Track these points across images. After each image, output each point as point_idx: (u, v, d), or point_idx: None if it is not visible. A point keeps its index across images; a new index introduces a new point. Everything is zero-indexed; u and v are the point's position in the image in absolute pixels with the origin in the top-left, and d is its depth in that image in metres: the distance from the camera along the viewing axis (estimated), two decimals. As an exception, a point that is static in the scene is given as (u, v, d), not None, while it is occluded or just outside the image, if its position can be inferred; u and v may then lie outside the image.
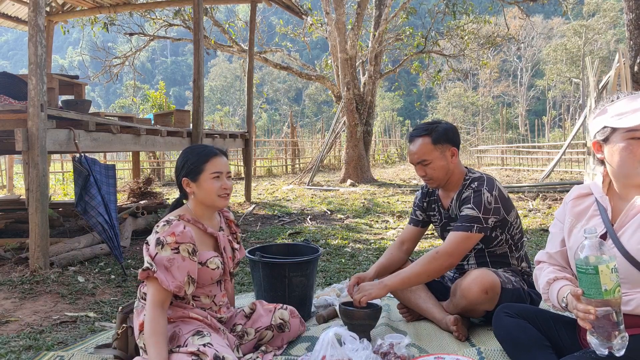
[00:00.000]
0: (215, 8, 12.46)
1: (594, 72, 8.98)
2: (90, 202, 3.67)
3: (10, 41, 67.33)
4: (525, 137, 24.42)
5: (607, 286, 1.32)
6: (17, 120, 3.75)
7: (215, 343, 1.77)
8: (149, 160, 13.86)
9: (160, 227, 1.90)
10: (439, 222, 2.47)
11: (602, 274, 1.32)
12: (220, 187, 1.99)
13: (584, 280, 1.36)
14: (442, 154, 2.30)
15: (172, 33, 14.47)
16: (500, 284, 2.11)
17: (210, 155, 2.01)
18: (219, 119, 21.75)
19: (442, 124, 2.36)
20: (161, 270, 1.83)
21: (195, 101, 5.99)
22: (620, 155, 1.53)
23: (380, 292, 2.16)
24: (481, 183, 2.25)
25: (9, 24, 8.51)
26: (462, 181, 2.34)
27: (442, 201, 2.43)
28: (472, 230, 2.15)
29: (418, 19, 14.62)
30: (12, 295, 3.14)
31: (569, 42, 32.85)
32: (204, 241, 2.01)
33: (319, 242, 4.81)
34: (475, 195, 2.21)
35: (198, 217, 2.02)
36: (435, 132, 2.30)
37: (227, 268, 2.06)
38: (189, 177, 1.99)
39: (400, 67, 13.94)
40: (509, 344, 1.78)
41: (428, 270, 2.16)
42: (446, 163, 2.30)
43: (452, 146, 2.32)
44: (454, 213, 2.34)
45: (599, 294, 1.33)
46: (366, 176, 11.51)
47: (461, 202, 2.26)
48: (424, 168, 2.32)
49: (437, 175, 2.31)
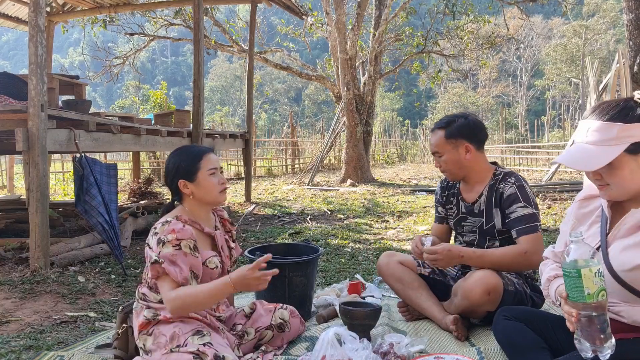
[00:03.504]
0: (216, 8, 12.45)
1: (593, 72, 8.99)
2: (90, 202, 3.68)
3: (10, 41, 67.32)
4: (525, 137, 24.41)
5: (589, 290, 1.31)
6: (17, 120, 3.75)
7: (215, 343, 1.78)
8: (149, 160, 13.86)
9: (159, 228, 1.90)
10: (455, 215, 2.47)
11: (584, 278, 1.31)
12: (219, 182, 2.01)
13: (568, 283, 1.36)
14: (455, 149, 2.31)
15: (173, 33, 14.47)
16: (502, 286, 2.11)
17: (202, 153, 2.02)
18: (219, 119, 21.75)
19: (462, 119, 2.35)
20: (167, 263, 1.84)
21: (195, 101, 6.00)
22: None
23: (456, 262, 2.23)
24: (518, 177, 2.27)
25: (9, 24, 8.51)
26: (493, 175, 2.34)
27: (464, 195, 2.43)
28: (539, 229, 2.18)
29: (418, 19, 14.61)
30: (12, 295, 3.14)
31: (568, 43, 32.84)
32: (202, 241, 2.01)
33: (319, 242, 4.81)
34: (520, 191, 2.22)
35: (194, 217, 2.02)
36: (450, 126, 2.32)
37: (225, 267, 2.07)
38: (186, 178, 1.98)
39: (400, 67, 13.94)
40: (507, 347, 1.80)
41: (512, 264, 2.18)
42: (458, 158, 2.31)
43: (468, 142, 2.31)
44: (480, 208, 2.34)
45: (581, 297, 1.32)
46: (366, 176, 11.51)
47: (504, 199, 2.24)
48: (437, 159, 2.38)
49: (449, 168, 2.35)
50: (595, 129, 1.47)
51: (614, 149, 1.43)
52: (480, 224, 2.34)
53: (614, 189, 1.48)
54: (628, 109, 1.47)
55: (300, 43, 17.76)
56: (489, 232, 2.31)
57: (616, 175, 1.45)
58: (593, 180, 1.52)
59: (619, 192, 1.48)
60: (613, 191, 1.48)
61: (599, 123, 1.47)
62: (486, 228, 2.32)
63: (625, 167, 1.45)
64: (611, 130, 1.45)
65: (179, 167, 2.00)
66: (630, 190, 1.47)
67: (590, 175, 1.50)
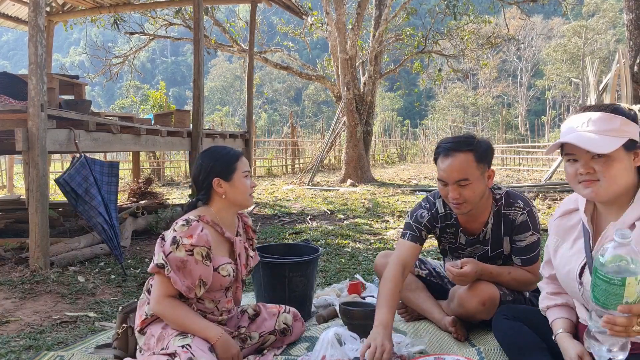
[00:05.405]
0: (216, 8, 12.45)
1: (593, 72, 8.99)
2: (90, 202, 3.67)
3: (10, 41, 67.32)
4: (525, 137, 24.39)
5: (629, 299, 1.19)
6: (17, 120, 3.75)
7: (195, 346, 1.75)
8: (149, 160, 13.86)
9: (178, 226, 1.88)
10: (452, 243, 2.28)
11: (628, 286, 1.17)
12: (250, 185, 2.02)
13: (604, 288, 1.21)
14: (482, 175, 2.02)
15: (173, 33, 14.47)
16: (499, 297, 2.08)
17: (239, 155, 2.03)
18: (219, 119, 21.74)
19: (482, 140, 2.07)
20: (174, 270, 1.83)
21: (195, 101, 5.99)
22: (565, 172, 1.57)
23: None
24: (525, 201, 2.13)
25: (9, 24, 8.51)
26: (494, 200, 2.14)
27: (466, 226, 2.20)
28: (539, 254, 2.12)
29: (418, 19, 14.60)
30: (12, 295, 3.14)
31: (568, 43, 32.83)
32: (220, 245, 1.98)
33: (319, 242, 4.81)
34: (531, 218, 2.10)
35: (219, 219, 1.99)
36: (479, 147, 2.01)
37: (239, 275, 2.04)
38: (222, 177, 1.97)
39: (401, 67, 13.94)
40: (507, 347, 1.80)
41: (518, 288, 2.15)
42: (484, 186, 2.04)
43: (489, 167, 2.07)
44: (485, 237, 2.18)
45: (616, 304, 1.20)
46: (366, 176, 11.51)
47: (515, 227, 2.10)
48: (459, 189, 1.98)
49: (473, 198, 2.00)
50: (598, 119, 1.47)
51: (616, 140, 1.44)
52: (484, 252, 2.22)
53: (604, 185, 1.45)
54: (620, 108, 1.50)
55: (300, 43, 17.78)
56: (491, 259, 2.22)
57: (613, 168, 1.44)
58: (582, 174, 1.48)
59: (608, 189, 1.45)
60: (602, 188, 1.46)
61: (601, 113, 1.48)
62: (491, 255, 2.22)
63: (621, 161, 1.45)
64: (614, 121, 1.46)
65: (215, 166, 1.98)
66: (618, 188, 1.46)
67: (582, 168, 1.47)
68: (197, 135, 5.97)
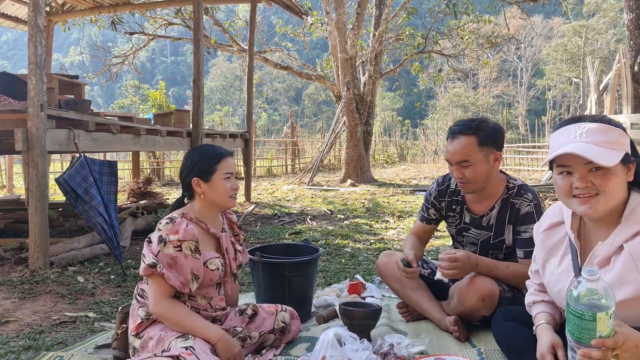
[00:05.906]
0: (216, 8, 12.44)
1: (594, 72, 8.99)
2: (90, 202, 3.67)
3: (10, 41, 67.29)
4: (525, 137, 24.40)
5: (602, 333, 1.20)
6: (17, 120, 3.75)
7: (198, 347, 1.75)
8: (149, 160, 13.85)
9: (163, 225, 1.90)
10: (457, 224, 2.36)
11: (599, 321, 1.19)
12: (231, 187, 2.01)
13: (577, 324, 1.23)
14: (486, 158, 2.12)
15: (172, 32, 14.46)
16: (498, 293, 2.08)
17: (221, 156, 2.02)
18: (219, 119, 21.73)
19: (491, 123, 2.17)
20: (165, 267, 1.84)
21: (195, 101, 5.99)
22: (555, 187, 1.51)
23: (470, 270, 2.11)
24: (534, 194, 2.16)
25: (8, 24, 8.51)
26: (506, 189, 2.21)
27: (471, 205, 2.29)
28: None
29: (418, 18, 14.59)
30: (11, 295, 3.13)
31: (569, 42, 32.83)
32: (206, 241, 2.00)
33: (319, 242, 4.80)
34: (537, 210, 2.13)
35: (202, 216, 2.01)
36: (482, 131, 2.11)
37: (228, 270, 2.05)
38: (201, 177, 1.98)
39: (401, 67, 13.93)
40: (506, 348, 1.80)
41: (518, 284, 2.13)
42: (488, 168, 2.13)
43: (497, 150, 2.15)
44: (489, 222, 2.22)
45: (590, 338, 1.21)
46: (366, 176, 11.50)
47: (520, 216, 2.14)
48: (462, 170, 2.12)
49: (475, 179, 2.12)
50: (596, 130, 1.40)
51: (616, 152, 1.38)
52: (486, 238, 2.26)
53: (602, 200, 1.40)
54: (612, 119, 1.45)
55: (300, 43, 17.76)
56: (493, 247, 2.25)
57: (612, 182, 1.39)
58: (580, 188, 1.41)
59: (606, 204, 1.40)
60: (600, 203, 1.40)
61: (597, 124, 1.41)
62: (492, 243, 2.24)
63: (618, 175, 1.40)
64: (612, 133, 1.41)
65: (196, 165, 2.00)
66: (614, 203, 1.41)
67: (580, 182, 1.40)
68: (196, 135, 5.97)
